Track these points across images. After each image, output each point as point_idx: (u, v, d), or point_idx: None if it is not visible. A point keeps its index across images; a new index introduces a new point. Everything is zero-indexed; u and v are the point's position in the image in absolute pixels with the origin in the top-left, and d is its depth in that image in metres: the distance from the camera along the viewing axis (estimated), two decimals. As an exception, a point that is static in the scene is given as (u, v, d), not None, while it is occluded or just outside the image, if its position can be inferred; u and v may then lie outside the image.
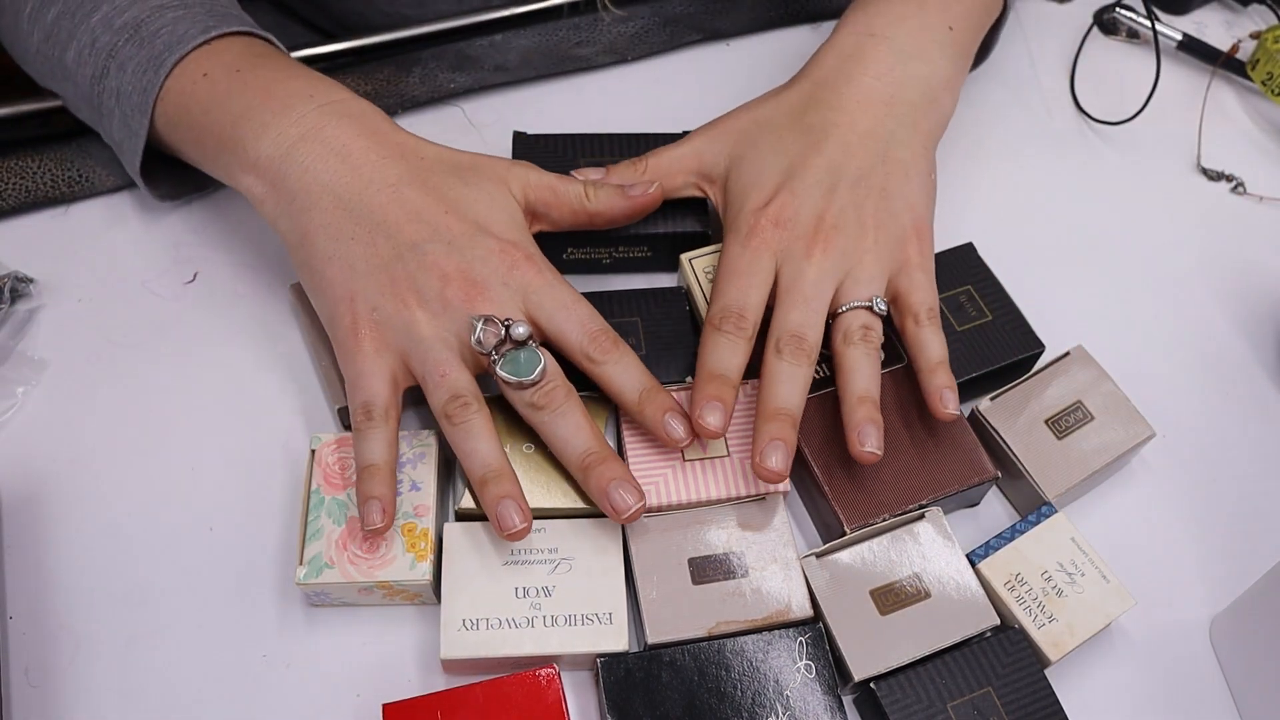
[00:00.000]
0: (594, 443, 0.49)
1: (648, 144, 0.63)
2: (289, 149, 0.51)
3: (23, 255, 0.60)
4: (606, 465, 0.49)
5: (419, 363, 0.50)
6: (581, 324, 0.50)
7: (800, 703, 0.48)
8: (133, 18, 0.55)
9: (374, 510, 0.48)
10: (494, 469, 0.48)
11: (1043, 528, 0.52)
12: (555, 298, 0.50)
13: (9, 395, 0.56)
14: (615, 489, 0.48)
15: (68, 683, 0.49)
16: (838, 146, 0.55)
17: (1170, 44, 0.76)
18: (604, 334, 0.50)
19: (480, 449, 0.49)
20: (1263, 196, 0.70)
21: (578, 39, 0.72)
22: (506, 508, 0.48)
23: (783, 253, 0.53)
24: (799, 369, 0.51)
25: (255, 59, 0.55)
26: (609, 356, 0.50)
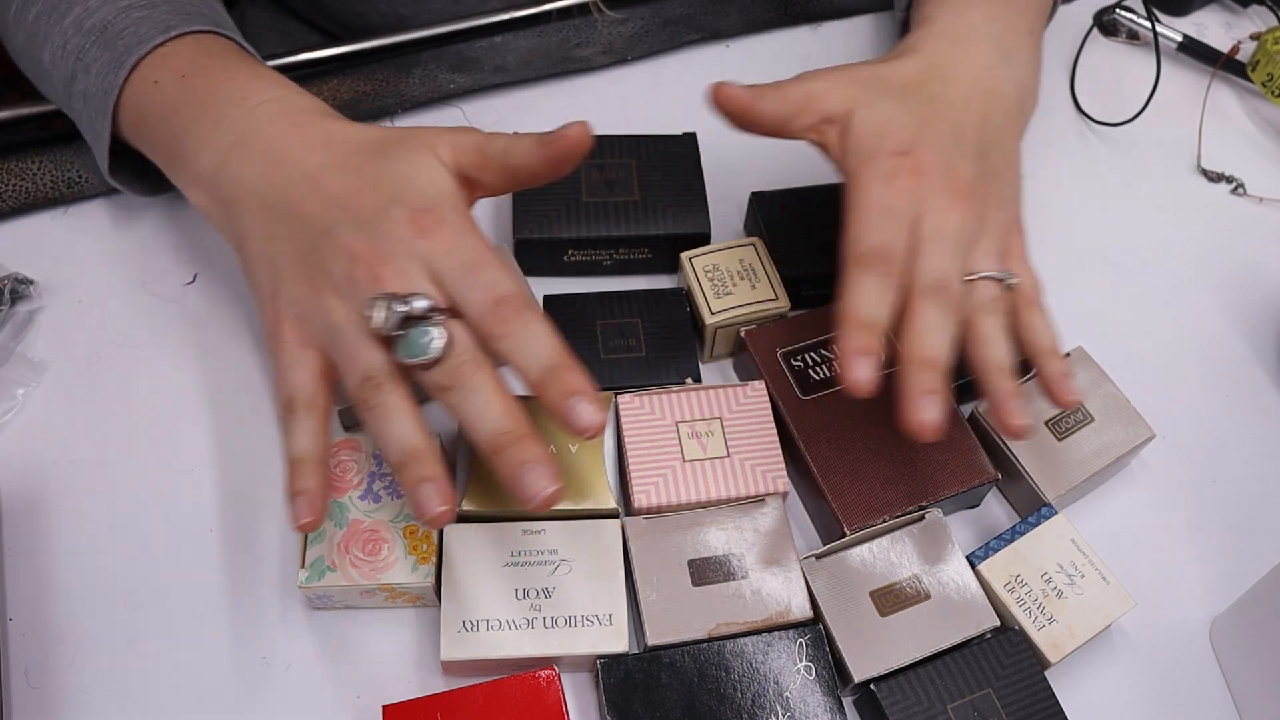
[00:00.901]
0: (506, 420, 0.44)
1: (647, 144, 0.63)
2: (223, 159, 0.50)
3: (22, 256, 0.60)
4: (520, 445, 0.43)
5: (334, 351, 0.47)
6: (485, 289, 0.45)
7: (800, 704, 0.48)
8: (100, 20, 0.55)
9: (300, 505, 0.45)
10: (410, 450, 0.44)
11: (1043, 529, 0.52)
12: (461, 261, 0.45)
13: (9, 397, 0.56)
14: (528, 470, 0.43)
15: (68, 683, 0.49)
16: (963, 118, 0.53)
17: (1170, 45, 0.76)
18: (506, 302, 0.44)
19: (394, 430, 0.45)
20: (1263, 197, 0.70)
21: (577, 40, 0.72)
22: (424, 492, 0.43)
23: (923, 201, 0.49)
24: (948, 319, 0.47)
25: (204, 61, 0.54)
26: (507, 328, 0.44)
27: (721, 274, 0.59)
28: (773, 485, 0.53)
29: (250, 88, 0.52)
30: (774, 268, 0.59)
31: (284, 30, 0.78)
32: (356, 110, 0.67)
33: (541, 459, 0.43)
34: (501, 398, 0.44)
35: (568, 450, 0.53)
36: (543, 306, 0.57)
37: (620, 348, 0.57)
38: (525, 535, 0.51)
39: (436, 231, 0.46)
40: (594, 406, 0.43)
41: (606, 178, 0.62)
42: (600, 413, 0.43)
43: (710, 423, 0.54)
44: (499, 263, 0.46)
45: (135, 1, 0.55)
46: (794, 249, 0.60)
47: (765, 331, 0.57)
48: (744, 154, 0.68)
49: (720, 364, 0.61)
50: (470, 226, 0.47)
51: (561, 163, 0.49)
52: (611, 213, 0.60)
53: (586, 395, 0.43)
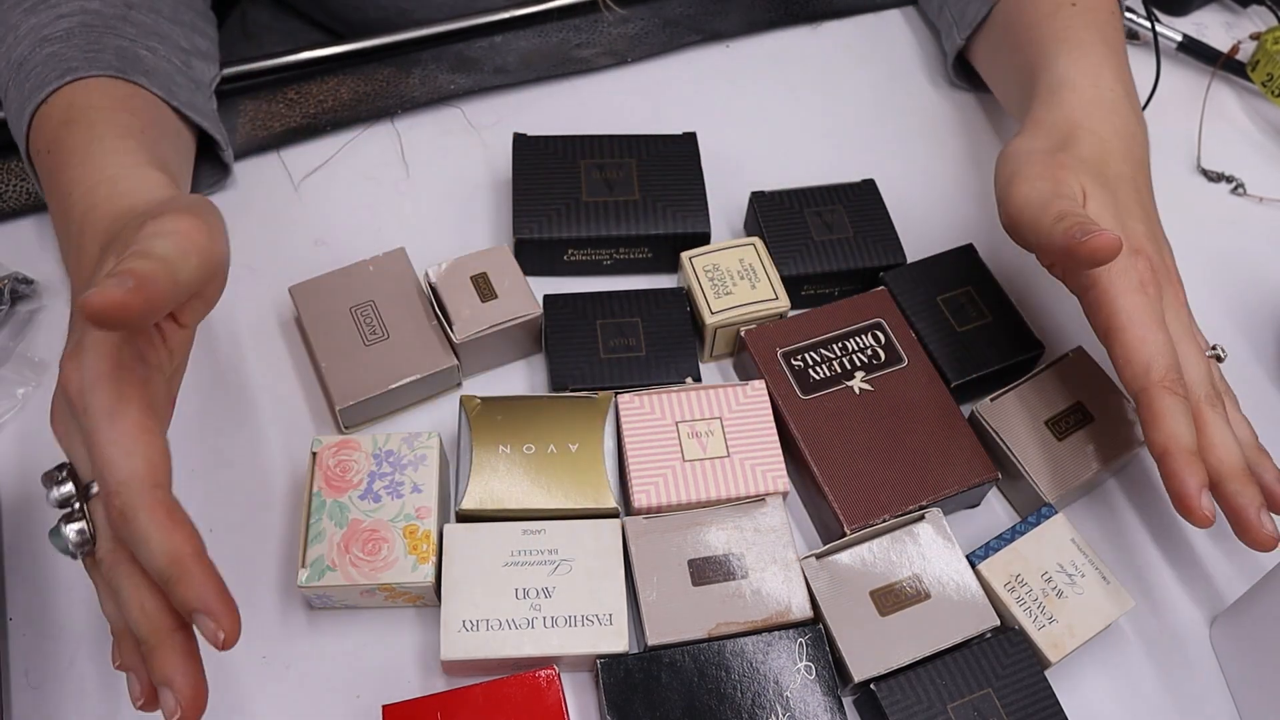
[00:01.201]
0: (151, 622, 0.40)
1: (648, 145, 0.63)
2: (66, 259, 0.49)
3: (23, 256, 0.60)
4: (160, 654, 0.40)
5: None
6: (99, 476, 0.39)
7: (800, 704, 0.48)
8: (21, 54, 0.54)
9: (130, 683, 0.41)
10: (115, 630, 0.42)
11: (1043, 529, 0.52)
12: (87, 430, 0.39)
13: (9, 397, 0.56)
14: (160, 684, 0.40)
15: (68, 683, 0.49)
16: (1139, 192, 0.53)
17: (1170, 45, 0.76)
18: (114, 496, 0.38)
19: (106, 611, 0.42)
20: (1263, 197, 0.70)
21: (577, 40, 0.72)
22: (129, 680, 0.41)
23: (1160, 298, 0.50)
24: (1227, 423, 0.49)
25: (67, 129, 0.51)
26: (118, 529, 0.39)
27: (721, 274, 0.59)
28: (773, 485, 0.53)
29: (76, 183, 0.48)
30: (774, 267, 0.59)
31: (285, 29, 0.78)
32: (357, 111, 0.67)
33: (174, 673, 0.39)
34: (142, 598, 0.40)
35: (568, 450, 0.53)
36: (543, 307, 0.57)
37: (620, 347, 0.57)
38: (525, 535, 0.51)
39: (68, 386, 0.40)
40: (215, 621, 0.39)
41: (606, 178, 0.62)
42: (228, 623, 0.39)
43: (710, 422, 0.54)
44: (115, 435, 0.39)
45: (54, 31, 0.54)
46: (794, 249, 0.60)
47: (765, 331, 0.57)
48: (744, 154, 0.69)
49: (720, 364, 0.61)
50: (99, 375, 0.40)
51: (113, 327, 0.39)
52: (611, 212, 0.60)
53: (207, 610, 0.38)
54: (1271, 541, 0.46)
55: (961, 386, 0.57)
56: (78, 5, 0.55)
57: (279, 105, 0.67)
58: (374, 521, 0.50)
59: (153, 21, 0.57)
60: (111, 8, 0.56)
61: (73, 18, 0.54)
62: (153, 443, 0.39)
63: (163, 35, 0.58)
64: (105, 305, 0.36)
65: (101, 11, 0.55)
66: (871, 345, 0.57)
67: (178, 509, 0.39)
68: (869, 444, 0.54)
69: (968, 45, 0.69)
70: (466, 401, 0.54)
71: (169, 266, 0.40)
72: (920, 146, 0.70)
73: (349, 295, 0.57)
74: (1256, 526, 0.46)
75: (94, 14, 0.55)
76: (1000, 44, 0.66)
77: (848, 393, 0.56)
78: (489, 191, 0.66)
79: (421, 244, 0.60)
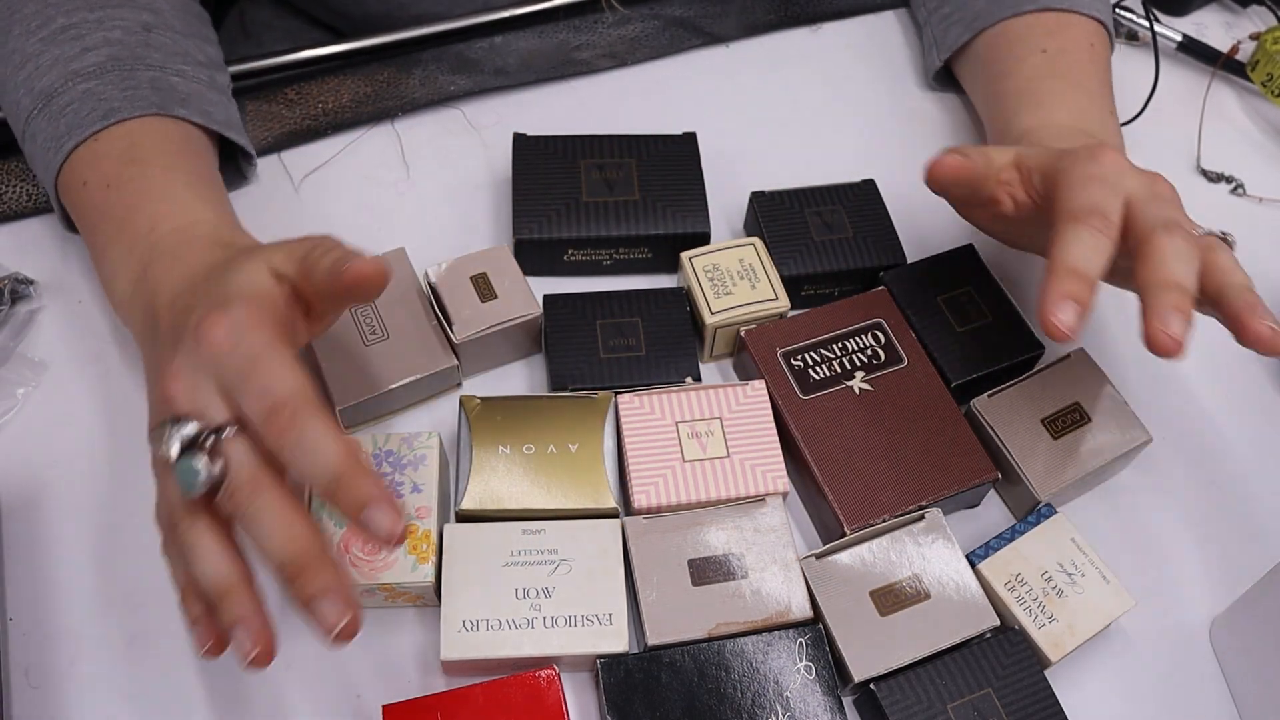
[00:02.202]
0: (294, 546, 0.39)
1: (648, 145, 0.63)
2: (132, 291, 0.50)
3: (23, 256, 0.60)
4: (308, 577, 0.39)
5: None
6: (259, 397, 0.40)
7: (800, 704, 0.48)
8: (49, 85, 0.54)
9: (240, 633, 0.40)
10: (216, 589, 0.41)
11: (1043, 528, 0.52)
12: (237, 365, 0.41)
13: (9, 397, 0.56)
14: (317, 605, 0.39)
15: (68, 683, 0.49)
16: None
17: (1170, 45, 0.76)
18: (279, 410, 0.39)
19: (199, 572, 0.41)
20: (1263, 198, 0.70)
21: (577, 42, 0.72)
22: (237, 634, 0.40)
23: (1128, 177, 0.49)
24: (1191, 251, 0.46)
25: (130, 167, 0.53)
26: (284, 439, 0.39)
27: (721, 274, 0.59)
28: (773, 485, 0.53)
29: (160, 213, 0.51)
30: (774, 267, 0.59)
31: (284, 28, 0.78)
32: (358, 112, 0.67)
33: (326, 588, 0.39)
34: (284, 523, 0.40)
35: (568, 450, 0.53)
36: (543, 307, 0.57)
37: (620, 347, 0.57)
38: (525, 535, 0.51)
39: (213, 332, 0.41)
40: (390, 513, 0.38)
41: (606, 178, 0.62)
42: (398, 519, 0.38)
43: (710, 422, 0.54)
44: (278, 361, 0.40)
45: (86, 66, 0.54)
46: (794, 249, 0.60)
47: (765, 331, 0.57)
48: (744, 154, 0.69)
49: (720, 364, 0.61)
50: (257, 322, 0.42)
51: (348, 294, 0.44)
52: (611, 212, 0.60)
53: (380, 502, 0.38)
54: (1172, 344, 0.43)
55: (962, 387, 0.57)
56: (100, 37, 0.55)
57: (279, 106, 0.67)
58: (374, 521, 0.50)
59: (172, 41, 0.58)
60: (132, 35, 0.56)
61: (99, 51, 0.55)
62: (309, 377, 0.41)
63: (184, 54, 0.58)
64: (375, 271, 0.42)
65: (125, 41, 0.56)
66: (871, 345, 0.57)
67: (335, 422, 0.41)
68: (869, 444, 0.54)
69: (950, 62, 0.70)
70: (466, 401, 0.54)
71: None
72: (920, 146, 0.70)
73: (349, 295, 0.57)
74: (1159, 320, 0.43)
75: (119, 44, 0.55)
76: (977, 75, 0.68)
77: (848, 393, 0.56)
78: (489, 191, 0.66)
79: (421, 244, 0.60)
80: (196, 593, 0.42)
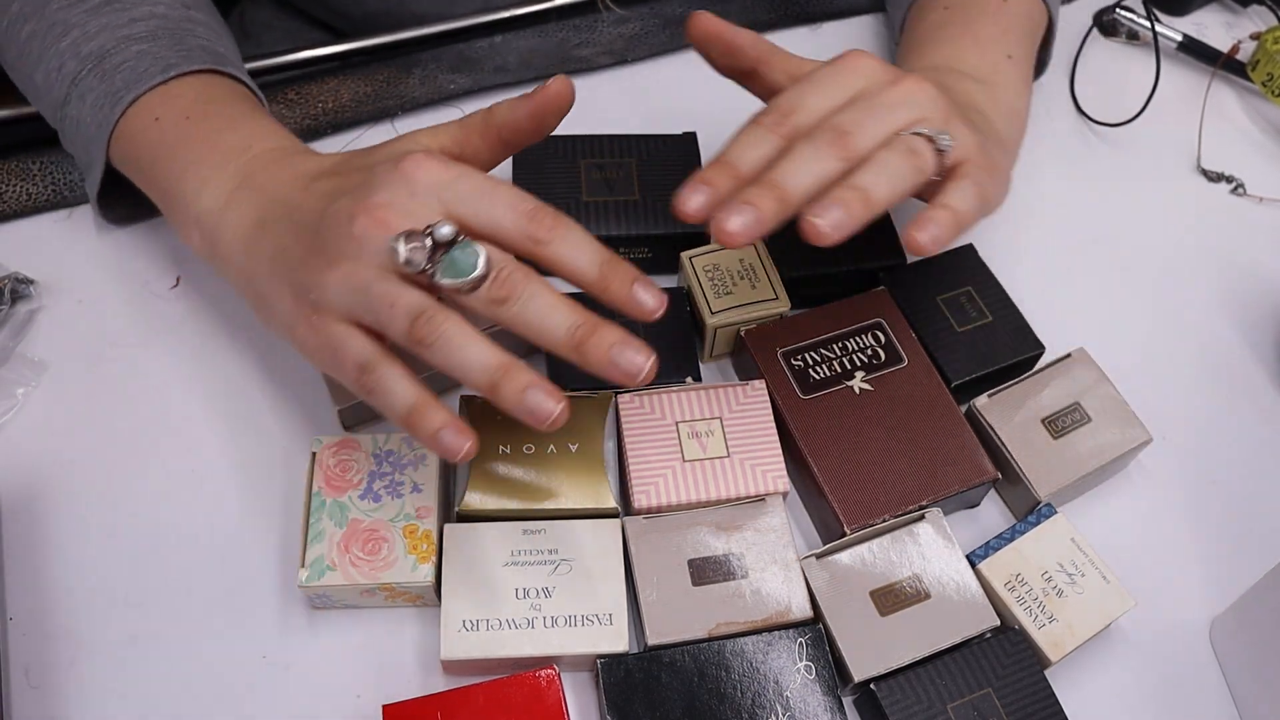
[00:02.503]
0: (576, 314, 0.43)
1: (648, 145, 0.63)
2: (226, 201, 0.50)
3: (23, 256, 0.60)
4: (601, 332, 0.42)
5: (366, 312, 0.44)
6: (511, 205, 0.44)
7: (800, 704, 0.48)
8: (99, 46, 0.54)
9: (448, 438, 0.43)
10: (497, 366, 0.43)
11: (1043, 528, 0.52)
12: (473, 186, 0.44)
13: (9, 396, 0.56)
14: (619, 354, 0.42)
15: (68, 683, 0.49)
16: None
17: (1170, 45, 0.76)
18: (540, 210, 0.44)
19: (471, 355, 0.43)
20: (1263, 197, 0.70)
21: (577, 40, 0.72)
22: (535, 397, 0.42)
23: (874, 80, 0.49)
24: (820, 159, 0.46)
25: (207, 105, 0.54)
26: (554, 233, 0.43)
27: (721, 274, 0.59)
28: (773, 485, 0.53)
29: (255, 136, 0.52)
30: (774, 267, 0.59)
31: (284, 28, 0.78)
32: (358, 113, 0.67)
33: (624, 338, 0.42)
34: (560, 296, 0.43)
35: (568, 450, 0.53)
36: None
37: (620, 347, 0.57)
38: (525, 535, 0.51)
39: (429, 166, 0.44)
40: (653, 289, 0.44)
41: (607, 177, 0.62)
42: (660, 293, 0.44)
43: (710, 422, 0.54)
44: (507, 182, 0.45)
45: (136, 32, 0.55)
46: (794, 249, 0.60)
47: (765, 331, 0.57)
48: (744, 154, 0.68)
49: (720, 363, 0.61)
50: (459, 162, 0.45)
51: (545, 116, 0.49)
52: (611, 212, 0.60)
53: (644, 281, 0.44)
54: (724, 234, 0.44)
55: (962, 386, 0.57)
56: (146, 10, 0.56)
57: (279, 106, 0.67)
58: (374, 521, 0.50)
59: (208, 20, 0.59)
60: (175, 10, 0.57)
61: (148, 21, 0.55)
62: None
63: (219, 35, 0.59)
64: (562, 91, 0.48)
65: (170, 15, 0.56)
66: (871, 345, 0.57)
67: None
68: (869, 444, 0.54)
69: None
70: (467, 401, 0.54)
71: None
72: (920, 146, 0.70)
73: (349, 295, 0.57)
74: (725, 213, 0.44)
75: (164, 18, 0.56)
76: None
77: (848, 393, 0.56)
78: (489, 191, 0.66)
79: (421, 244, 0.60)
80: (429, 404, 0.44)
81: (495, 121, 0.49)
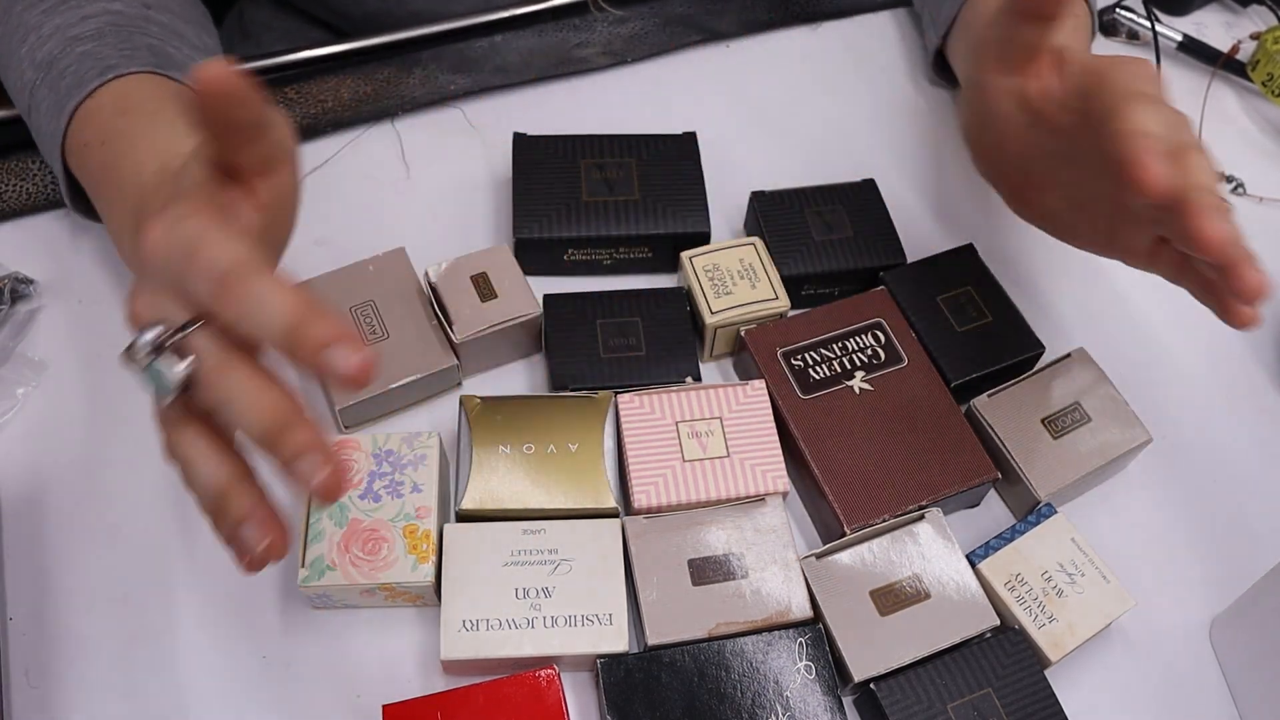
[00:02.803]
0: (268, 415, 0.38)
1: (648, 145, 0.63)
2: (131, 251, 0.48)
3: (23, 256, 0.60)
4: (286, 437, 0.38)
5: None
6: (204, 275, 0.38)
7: (800, 703, 0.48)
8: (48, 53, 0.54)
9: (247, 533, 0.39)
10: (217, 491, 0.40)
11: (1043, 528, 0.52)
12: (181, 252, 0.38)
13: (9, 396, 0.56)
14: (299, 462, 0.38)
15: (68, 683, 0.49)
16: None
17: (1170, 45, 0.76)
18: (227, 279, 0.37)
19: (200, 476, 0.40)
20: (1263, 197, 0.70)
21: (577, 40, 0.72)
22: (243, 534, 0.39)
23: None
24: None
25: (118, 122, 0.51)
26: (234, 307, 0.37)
27: (721, 273, 0.59)
28: (773, 485, 0.53)
29: (143, 159, 0.49)
30: (774, 267, 0.59)
31: (284, 28, 0.78)
32: (358, 112, 0.67)
33: (311, 445, 0.37)
34: (257, 393, 0.39)
35: (568, 449, 0.53)
36: (543, 306, 0.57)
37: (620, 347, 0.57)
38: (525, 535, 0.51)
39: (150, 238, 0.39)
40: (352, 349, 0.36)
41: (607, 177, 0.62)
42: (362, 353, 0.36)
43: (710, 422, 0.54)
44: (217, 237, 0.38)
45: (84, 31, 0.54)
46: (794, 249, 0.60)
47: (765, 331, 0.57)
48: (744, 154, 0.69)
49: (720, 363, 0.61)
50: (191, 212, 0.39)
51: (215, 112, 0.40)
52: (612, 212, 0.60)
53: (340, 340, 0.36)
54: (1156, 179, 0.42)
55: (962, 386, 0.57)
56: (101, 6, 0.55)
57: (278, 105, 0.67)
58: (374, 521, 0.50)
59: (169, 20, 0.58)
60: (132, 8, 0.56)
61: (99, 18, 0.55)
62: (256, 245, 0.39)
63: (181, 35, 0.58)
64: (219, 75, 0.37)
65: (125, 12, 0.56)
66: (871, 345, 0.57)
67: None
68: (869, 444, 0.54)
69: (946, 45, 0.69)
70: (466, 401, 0.54)
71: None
72: (920, 146, 0.70)
73: (349, 295, 0.57)
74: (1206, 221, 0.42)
75: (118, 14, 0.55)
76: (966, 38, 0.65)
77: (848, 392, 0.56)
78: (489, 191, 0.66)
79: (421, 244, 0.60)
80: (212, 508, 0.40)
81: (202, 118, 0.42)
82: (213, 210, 0.40)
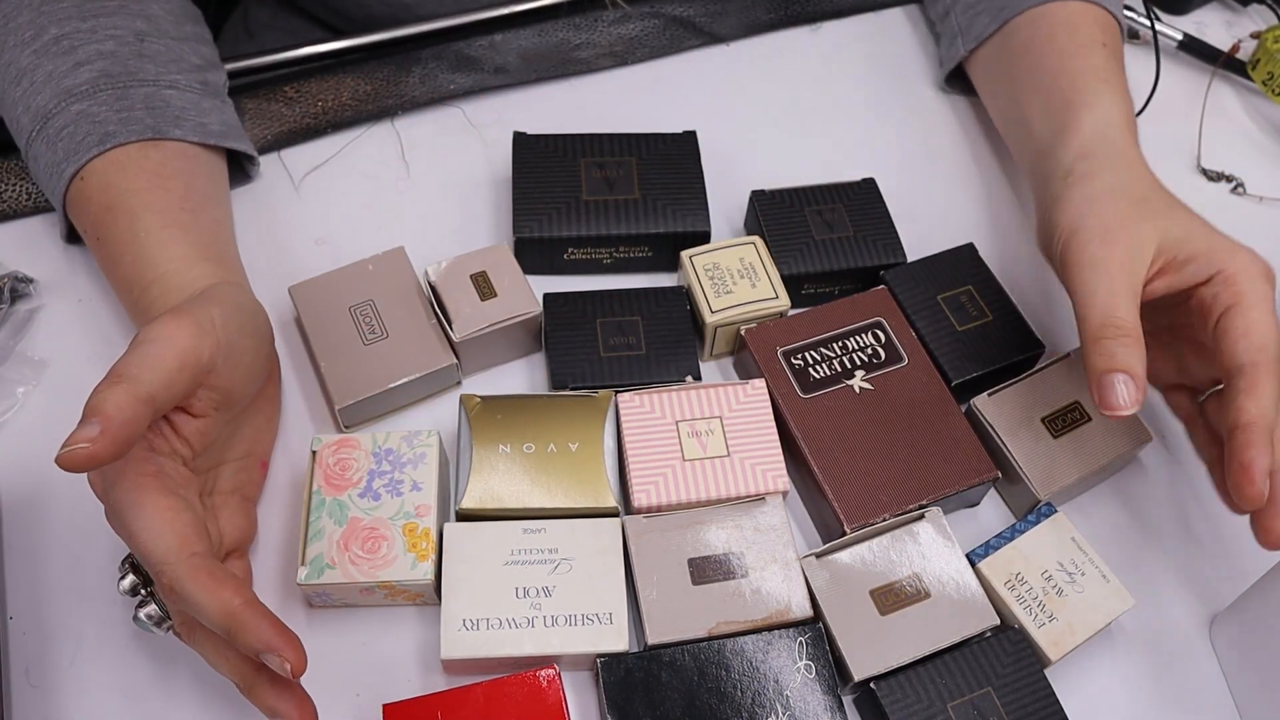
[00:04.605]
0: (234, 674, 0.44)
1: (648, 144, 0.63)
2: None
3: (23, 256, 0.60)
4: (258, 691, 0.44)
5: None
6: (144, 560, 0.43)
7: (800, 703, 0.48)
8: (43, 105, 0.54)
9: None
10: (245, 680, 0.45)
11: (1043, 527, 0.52)
12: (118, 518, 0.44)
13: (9, 395, 0.56)
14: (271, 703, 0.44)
15: (68, 683, 0.49)
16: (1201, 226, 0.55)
17: (1170, 44, 0.76)
18: (160, 576, 0.42)
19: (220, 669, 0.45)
20: (1263, 197, 0.70)
21: (578, 41, 0.72)
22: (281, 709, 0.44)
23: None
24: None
25: (105, 216, 0.53)
26: (175, 602, 0.43)
27: (721, 272, 0.59)
28: (773, 484, 0.53)
29: (137, 270, 0.52)
30: (774, 266, 0.59)
31: (286, 27, 0.78)
32: (358, 111, 0.67)
33: (276, 703, 0.44)
34: (221, 654, 0.44)
35: (568, 449, 0.53)
36: (543, 305, 0.57)
37: (620, 346, 0.57)
38: (525, 534, 0.51)
39: (95, 485, 0.45)
40: (278, 657, 0.41)
41: (607, 176, 0.62)
42: (294, 656, 0.41)
43: (710, 421, 0.54)
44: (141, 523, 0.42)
45: (79, 83, 0.54)
46: (794, 248, 0.60)
47: (765, 330, 0.57)
48: (744, 153, 0.69)
49: (720, 362, 0.61)
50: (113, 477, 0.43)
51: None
52: (612, 211, 0.60)
53: (270, 649, 0.41)
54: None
55: (962, 386, 0.57)
56: (93, 50, 0.55)
57: (278, 104, 0.67)
58: (373, 519, 0.50)
59: (165, 48, 0.58)
60: (125, 45, 0.56)
61: (92, 65, 0.55)
62: (177, 518, 0.43)
63: (178, 60, 0.58)
64: (75, 462, 0.40)
65: (117, 53, 0.55)
66: (872, 344, 0.57)
67: (218, 568, 0.42)
68: (869, 443, 0.54)
69: (970, 58, 0.68)
70: (466, 400, 0.54)
71: (140, 387, 0.42)
72: (921, 146, 0.70)
73: (348, 295, 0.57)
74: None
75: (111, 57, 0.55)
76: (1013, 63, 0.64)
77: (848, 392, 0.56)
78: (489, 190, 0.66)
79: (421, 243, 0.60)
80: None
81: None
82: (130, 470, 0.43)
